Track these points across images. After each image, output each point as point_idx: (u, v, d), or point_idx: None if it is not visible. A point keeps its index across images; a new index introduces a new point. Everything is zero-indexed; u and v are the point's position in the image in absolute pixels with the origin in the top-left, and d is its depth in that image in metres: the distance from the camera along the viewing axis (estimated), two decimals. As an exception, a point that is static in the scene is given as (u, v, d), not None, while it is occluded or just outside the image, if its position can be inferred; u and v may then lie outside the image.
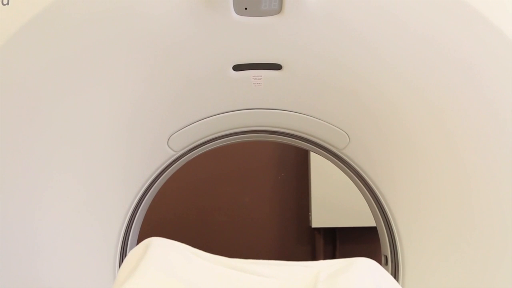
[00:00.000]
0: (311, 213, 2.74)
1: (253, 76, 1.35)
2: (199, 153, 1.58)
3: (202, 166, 2.68)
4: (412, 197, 1.41)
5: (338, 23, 1.24)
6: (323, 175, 2.65)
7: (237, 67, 1.33)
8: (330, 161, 1.59)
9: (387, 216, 1.46)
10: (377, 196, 1.48)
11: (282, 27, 1.24)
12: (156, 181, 1.53)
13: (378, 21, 1.24)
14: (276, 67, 1.34)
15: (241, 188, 2.87)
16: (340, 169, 1.60)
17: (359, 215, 2.58)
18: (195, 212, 2.84)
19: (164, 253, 1.00)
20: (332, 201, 2.65)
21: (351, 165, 1.50)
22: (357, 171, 1.49)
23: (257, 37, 1.26)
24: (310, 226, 2.78)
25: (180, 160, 1.54)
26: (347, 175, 1.60)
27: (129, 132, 1.37)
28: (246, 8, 1.22)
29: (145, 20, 1.22)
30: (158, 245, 1.01)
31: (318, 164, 2.65)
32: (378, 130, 1.38)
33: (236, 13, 1.22)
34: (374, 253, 2.53)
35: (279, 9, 1.22)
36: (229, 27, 1.24)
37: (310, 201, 2.74)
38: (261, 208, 2.89)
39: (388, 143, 1.39)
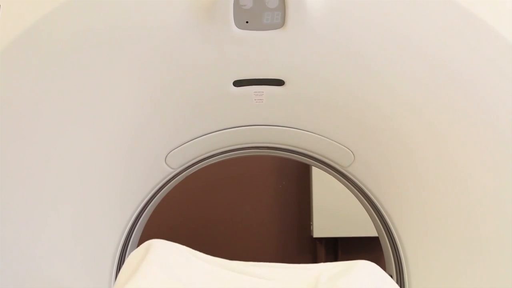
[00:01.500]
0: (312, 222, 2.73)
1: (255, 92, 1.32)
2: (198, 168, 1.55)
3: (202, 173, 2.48)
4: (419, 217, 1.39)
5: (343, 38, 1.22)
6: (324, 184, 2.61)
7: (238, 83, 1.31)
8: (334, 177, 1.56)
9: (393, 236, 1.44)
10: (383, 216, 1.45)
11: (284, 42, 1.22)
12: (154, 198, 1.51)
13: (383, 39, 1.22)
14: (279, 83, 1.31)
15: (242, 196, 2.86)
16: (344, 186, 1.57)
17: (361, 225, 2.55)
18: (195, 220, 2.84)
19: (165, 254, 1.01)
20: (334, 211, 2.64)
21: (355, 183, 1.47)
22: (362, 189, 1.46)
23: (259, 51, 1.24)
24: (312, 236, 2.76)
25: (179, 177, 1.51)
26: (351, 192, 1.57)
27: (126, 150, 1.35)
28: (247, 22, 1.20)
29: (142, 33, 1.20)
30: (159, 247, 1.03)
31: (320, 173, 2.41)
32: (383, 148, 1.36)
33: (237, 27, 1.20)
34: (376, 263, 2.41)
35: (282, 23, 1.19)
36: (229, 41, 1.22)
37: (312, 210, 2.72)
38: (261, 216, 2.88)
39: (394, 162, 1.36)
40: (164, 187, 1.51)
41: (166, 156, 1.40)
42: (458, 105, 1.26)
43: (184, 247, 1.05)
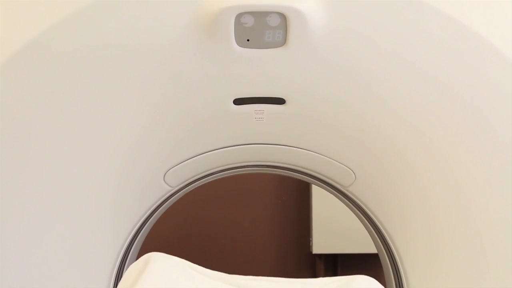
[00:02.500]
0: (312, 238, 2.72)
1: (255, 111, 1.31)
2: (197, 186, 1.54)
3: (201, 188, 2.51)
4: (419, 237, 1.38)
5: (343, 58, 1.21)
6: (324, 200, 2.59)
7: (238, 101, 1.29)
8: (334, 196, 1.54)
9: (393, 255, 1.43)
10: (383, 235, 1.44)
11: (286, 60, 1.20)
12: (152, 215, 1.49)
13: (384, 59, 1.21)
14: (279, 101, 1.30)
15: (241, 212, 2.85)
16: (345, 204, 1.56)
17: (361, 241, 2.49)
18: (194, 234, 2.83)
19: (164, 268, 1.01)
20: (334, 227, 2.63)
21: (356, 203, 1.46)
22: (363, 209, 1.45)
23: (260, 70, 1.22)
24: (311, 252, 2.75)
25: (177, 194, 1.50)
26: (351, 210, 1.56)
27: (124, 167, 1.33)
28: (248, 40, 1.18)
29: (142, 50, 1.19)
30: (158, 260, 1.02)
31: (319, 189, 2.45)
32: (384, 169, 1.35)
33: (238, 45, 1.18)
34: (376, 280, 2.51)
35: (283, 41, 1.18)
36: (230, 59, 1.20)
37: (311, 226, 2.72)
38: (260, 232, 2.87)
39: (395, 182, 1.35)
40: (163, 204, 1.49)
41: (165, 174, 1.39)
42: (460, 125, 1.25)
43: (183, 260, 1.06)
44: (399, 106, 1.25)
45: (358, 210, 1.49)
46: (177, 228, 2.81)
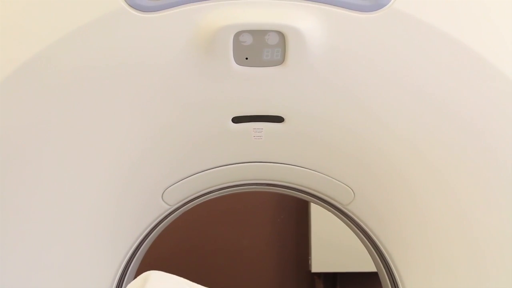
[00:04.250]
0: (310, 257, 2.70)
1: (254, 129, 1.30)
2: (196, 204, 1.53)
3: (199, 206, 2.55)
4: (420, 256, 1.37)
5: (342, 76, 1.20)
6: (323, 218, 2.56)
7: (237, 119, 1.29)
8: (333, 214, 1.54)
9: (394, 275, 1.42)
10: (383, 254, 1.43)
11: (284, 78, 1.20)
12: (150, 234, 1.49)
13: (383, 78, 1.21)
14: (278, 119, 1.29)
15: (239, 230, 2.85)
16: (344, 223, 1.55)
17: (360, 260, 2.40)
18: (191, 253, 2.83)
19: (163, 286, 1.02)
20: (333, 245, 2.62)
21: (355, 221, 1.45)
22: (362, 227, 1.45)
23: (258, 88, 1.22)
24: (310, 271, 2.73)
25: (176, 213, 1.49)
26: (350, 229, 1.56)
27: (122, 186, 1.32)
28: (247, 58, 1.17)
29: (139, 70, 1.18)
30: (157, 278, 1.03)
31: (318, 207, 2.44)
32: (384, 187, 1.34)
33: (237, 63, 1.17)
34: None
35: (281, 60, 1.17)
36: (228, 77, 1.19)
37: (310, 244, 2.70)
38: (259, 250, 2.87)
39: (395, 201, 1.34)
40: (161, 223, 1.48)
41: (163, 193, 1.38)
42: (461, 145, 1.25)
43: (182, 279, 1.06)
44: (399, 126, 1.25)
45: (357, 229, 1.48)
46: (175, 246, 2.79)
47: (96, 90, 1.19)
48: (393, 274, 1.42)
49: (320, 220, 2.63)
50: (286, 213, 2.88)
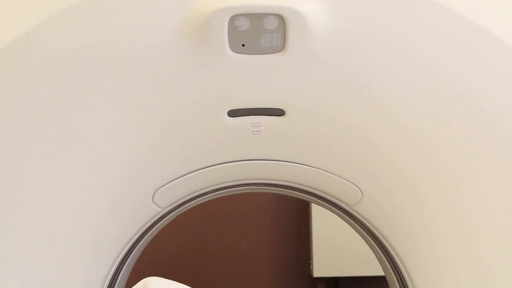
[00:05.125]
0: (312, 261, 2.73)
1: (252, 123, 1.24)
2: (190, 207, 1.47)
3: (195, 209, 2.62)
4: (431, 258, 1.31)
5: (348, 64, 1.13)
6: (325, 220, 2.64)
7: (233, 113, 1.22)
8: (338, 216, 1.48)
9: (404, 279, 1.36)
10: (393, 259, 1.37)
11: (284, 67, 1.13)
12: (142, 239, 1.42)
13: (393, 65, 1.14)
14: (278, 112, 1.23)
15: (238, 234, 2.88)
16: (350, 226, 1.49)
17: (363, 263, 2.59)
18: (189, 258, 2.85)
19: None
20: (335, 249, 2.66)
21: (362, 222, 1.39)
22: (370, 229, 1.38)
23: (257, 78, 1.15)
24: (311, 275, 2.76)
25: (169, 216, 1.43)
26: (356, 231, 1.49)
27: (108, 187, 1.26)
28: (243, 45, 1.10)
29: (125, 58, 1.12)
30: (156, 285, 1.07)
31: (319, 208, 2.53)
32: (394, 186, 1.28)
33: (232, 50, 1.10)
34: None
35: (281, 46, 1.10)
36: (224, 66, 1.12)
37: (311, 248, 2.73)
38: (258, 255, 2.90)
39: (406, 201, 1.29)
40: (153, 227, 1.42)
41: (154, 195, 1.32)
42: (477, 141, 1.19)
43: (182, 285, 1.07)
44: (412, 119, 1.19)
45: (364, 231, 1.43)
46: (173, 250, 2.83)
47: (78, 80, 1.13)
48: (403, 276, 1.36)
49: (322, 223, 2.66)
50: (286, 216, 2.90)
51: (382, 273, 1.52)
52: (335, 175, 1.32)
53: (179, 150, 1.27)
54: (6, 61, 1.09)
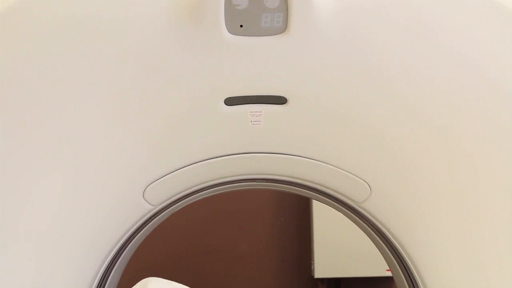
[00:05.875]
0: (313, 261, 2.71)
1: (251, 112, 1.19)
2: (185, 205, 1.40)
3: (192, 208, 2.66)
4: (446, 258, 1.26)
5: (358, 45, 1.08)
6: (326, 220, 2.63)
7: (230, 101, 1.17)
8: (344, 214, 1.41)
9: (416, 281, 1.30)
10: (403, 258, 1.31)
11: (287, 50, 1.08)
12: (133, 238, 1.37)
13: (408, 46, 1.09)
14: (280, 100, 1.18)
15: (237, 234, 2.88)
16: (356, 224, 1.42)
17: (366, 264, 2.57)
18: (188, 258, 2.85)
19: None
20: (337, 249, 2.65)
21: (370, 221, 1.32)
22: (379, 228, 1.31)
23: (256, 62, 1.10)
24: (313, 276, 2.73)
25: (162, 214, 1.37)
26: (363, 230, 1.43)
27: (95, 182, 1.21)
28: (241, 26, 1.06)
29: (111, 39, 1.08)
30: (156, 285, 1.08)
31: (321, 208, 2.60)
32: (406, 180, 1.22)
33: (229, 32, 1.07)
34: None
35: (283, 27, 1.06)
36: (220, 49, 1.08)
37: (312, 248, 2.72)
38: (258, 255, 2.90)
39: (419, 196, 1.23)
40: (145, 226, 1.36)
41: (144, 191, 1.26)
42: (498, 129, 1.15)
43: (181, 285, 1.09)
44: (428, 106, 1.14)
45: (371, 229, 1.37)
46: (172, 251, 2.82)
47: (64, 59, 1.09)
48: (413, 276, 1.31)
49: (323, 222, 2.65)
50: (287, 215, 2.89)
51: (385, 274, 1.53)
52: (341, 169, 1.26)
53: (171, 142, 1.22)
54: None
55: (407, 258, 1.30)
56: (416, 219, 1.26)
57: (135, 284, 1.33)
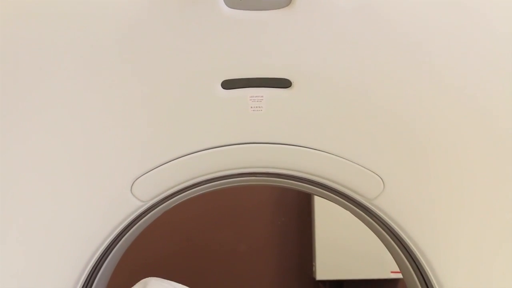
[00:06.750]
0: (315, 263, 2.69)
1: (251, 97, 1.13)
2: (179, 201, 1.34)
3: (192, 207, 2.60)
4: (465, 260, 1.23)
5: (372, 22, 1.02)
6: (328, 220, 2.62)
7: (228, 84, 1.11)
8: (351, 212, 1.36)
9: (431, 282, 1.26)
10: (417, 258, 1.26)
11: (292, 26, 1.03)
12: (122, 237, 1.31)
13: (430, 23, 1.03)
14: (284, 83, 1.12)
15: (236, 235, 2.87)
16: (363, 222, 1.37)
17: (370, 266, 2.56)
18: (186, 259, 2.84)
19: None
20: (339, 250, 2.63)
21: (382, 219, 1.26)
22: (390, 226, 1.26)
23: (257, 39, 1.05)
24: (314, 278, 2.71)
25: (154, 211, 1.31)
26: (372, 229, 1.37)
27: (78, 175, 1.16)
28: None
29: (98, 16, 1.02)
30: (155, 285, 1.08)
31: (323, 207, 2.62)
32: (422, 175, 1.17)
33: (227, 5, 1.01)
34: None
35: (288, 0, 1.00)
36: (217, 25, 1.03)
37: (314, 249, 2.69)
38: (258, 257, 2.86)
39: (436, 193, 1.18)
40: (135, 223, 1.31)
41: (132, 185, 1.20)
42: None
43: (180, 285, 1.09)
44: (449, 92, 1.08)
45: (382, 228, 1.32)
46: (171, 250, 2.79)
47: (50, 41, 1.03)
48: (426, 276, 1.27)
49: (325, 222, 2.64)
50: (288, 215, 2.87)
51: (390, 276, 1.50)
52: (353, 162, 1.20)
53: (161, 130, 1.16)
54: None
55: (421, 258, 1.26)
56: (431, 216, 1.23)
57: (134, 284, 1.33)
